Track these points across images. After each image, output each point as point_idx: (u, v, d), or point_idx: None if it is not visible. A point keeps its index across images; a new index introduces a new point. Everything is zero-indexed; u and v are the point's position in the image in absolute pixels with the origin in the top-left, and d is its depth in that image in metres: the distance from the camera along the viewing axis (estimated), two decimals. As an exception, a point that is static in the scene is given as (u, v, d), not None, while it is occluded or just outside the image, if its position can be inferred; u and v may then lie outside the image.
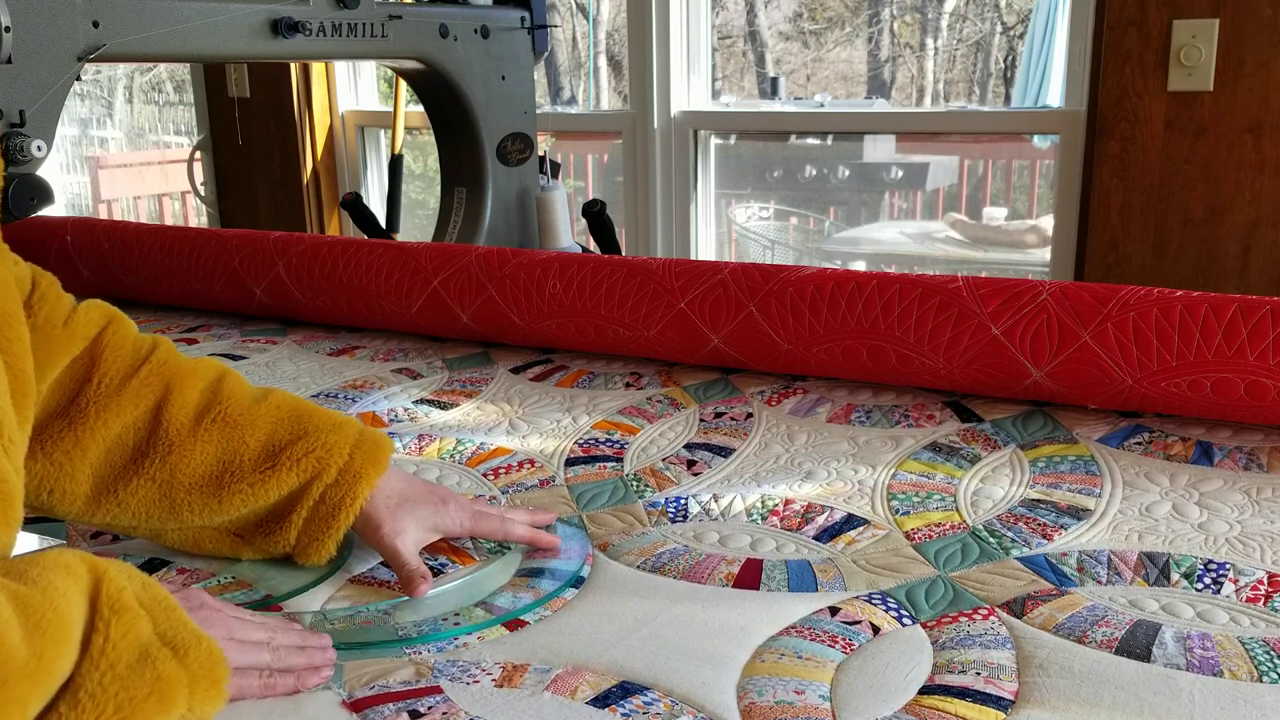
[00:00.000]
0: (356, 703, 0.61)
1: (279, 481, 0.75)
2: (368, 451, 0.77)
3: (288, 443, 0.76)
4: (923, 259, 4.06)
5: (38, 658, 0.49)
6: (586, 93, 6.82)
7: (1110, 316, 0.97)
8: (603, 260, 1.23)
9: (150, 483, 0.74)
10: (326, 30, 1.52)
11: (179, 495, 0.74)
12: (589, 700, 0.61)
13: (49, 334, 0.74)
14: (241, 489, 0.74)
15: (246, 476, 0.75)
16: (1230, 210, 1.81)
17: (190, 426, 0.75)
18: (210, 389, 0.78)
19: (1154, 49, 1.80)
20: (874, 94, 7.29)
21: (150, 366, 0.77)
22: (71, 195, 5.54)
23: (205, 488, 0.74)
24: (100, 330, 0.77)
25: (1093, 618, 0.68)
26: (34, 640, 0.49)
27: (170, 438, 0.75)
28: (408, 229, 2.96)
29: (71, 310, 0.77)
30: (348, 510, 0.75)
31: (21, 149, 1.20)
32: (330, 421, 0.78)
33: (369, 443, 0.78)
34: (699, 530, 0.83)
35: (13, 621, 0.49)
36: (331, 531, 0.75)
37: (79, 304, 0.78)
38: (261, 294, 1.46)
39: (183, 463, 0.74)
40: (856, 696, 0.61)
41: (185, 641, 0.55)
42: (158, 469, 0.74)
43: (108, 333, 0.77)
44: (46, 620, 0.50)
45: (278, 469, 0.75)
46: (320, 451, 0.76)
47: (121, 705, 0.51)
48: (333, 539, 0.76)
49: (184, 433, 0.75)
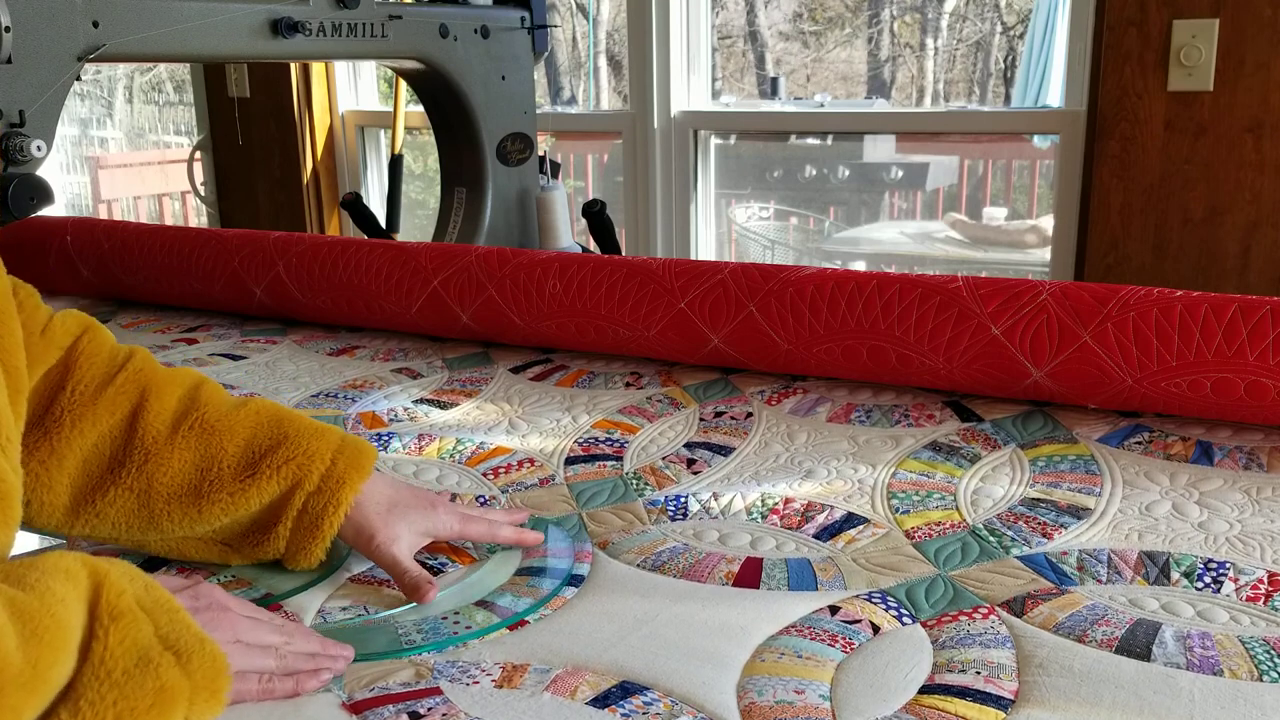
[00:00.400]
0: (357, 705, 0.61)
1: (259, 489, 0.74)
2: (350, 457, 0.76)
3: (267, 450, 0.75)
4: (923, 259, 4.06)
5: (33, 665, 0.48)
6: (586, 93, 6.82)
7: (1110, 316, 0.97)
8: (603, 260, 1.23)
9: (128, 492, 0.73)
10: (326, 30, 1.52)
11: (157, 505, 0.73)
12: (589, 700, 0.61)
13: (28, 343, 0.73)
14: (221, 498, 0.73)
15: (225, 485, 0.73)
16: (1230, 210, 1.81)
17: (167, 434, 0.74)
18: (188, 396, 0.76)
19: (1154, 49, 1.80)
20: (874, 94, 7.29)
21: (126, 374, 0.75)
22: (71, 195, 5.54)
23: (184, 497, 0.73)
24: (75, 339, 0.76)
25: (1093, 617, 0.68)
26: (30, 648, 0.49)
27: (146, 446, 0.73)
28: (408, 229, 2.96)
29: (49, 320, 0.76)
30: (331, 518, 0.74)
31: (21, 149, 1.20)
32: (310, 428, 0.77)
33: (351, 448, 0.77)
34: (699, 529, 0.83)
35: (8, 629, 0.48)
36: (318, 539, 0.74)
37: (55, 314, 0.77)
38: (261, 294, 1.46)
39: (160, 471, 0.73)
40: (856, 696, 0.61)
41: (189, 646, 0.55)
42: (134, 478, 0.73)
43: (83, 340, 0.76)
44: (43, 627, 0.50)
45: (257, 477, 0.74)
46: (301, 458, 0.74)
47: (121, 715, 0.51)
48: (320, 546, 0.75)
49: (160, 441, 0.74)
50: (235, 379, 1.23)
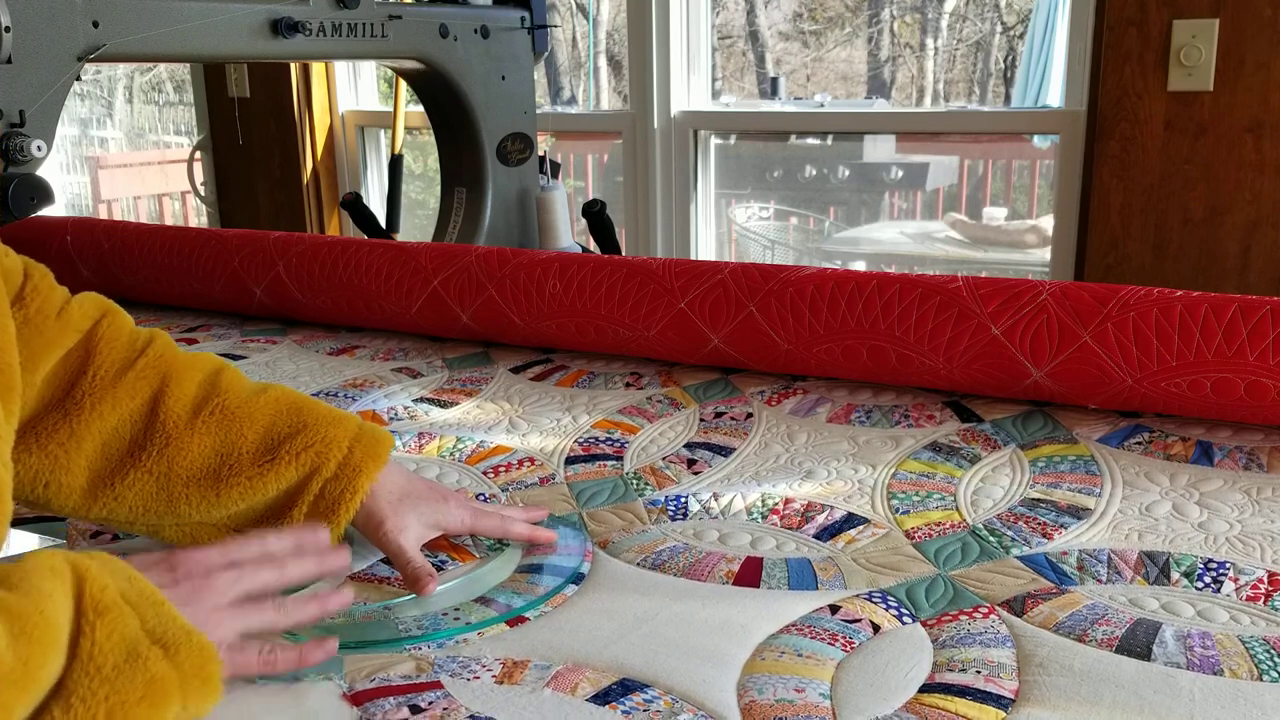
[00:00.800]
0: (357, 695, 0.61)
1: (277, 475, 0.74)
2: (367, 445, 0.76)
3: (286, 436, 0.75)
4: (923, 259, 4.06)
5: (24, 664, 0.48)
6: (586, 93, 6.82)
7: (1110, 316, 0.97)
8: (603, 260, 1.23)
9: (147, 476, 0.73)
10: (326, 30, 1.53)
11: (176, 489, 0.73)
12: (589, 697, 0.61)
13: (41, 326, 0.73)
14: (239, 482, 0.74)
15: (244, 470, 0.74)
16: (1230, 210, 1.81)
17: (188, 419, 0.74)
18: (208, 381, 0.77)
19: (1154, 49, 1.80)
20: (874, 94, 7.30)
21: (147, 359, 0.76)
22: (71, 195, 5.54)
23: (203, 481, 0.74)
24: (95, 322, 0.77)
25: (1093, 616, 0.68)
26: (20, 646, 0.49)
27: (168, 430, 0.74)
28: (408, 229, 2.96)
29: (65, 302, 0.76)
30: (348, 504, 0.75)
31: (21, 149, 1.20)
32: (329, 415, 0.77)
33: (369, 437, 0.77)
34: (699, 528, 0.83)
35: None
36: (332, 526, 0.74)
37: (73, 297, 0.77)
38: (261, 294, 1.46)
39: (180, 455, 0.73)
40: (857, 695, 0.61)
41: (175, 638, 0.55)
42: (155, 461, 0.73)
43: (103, 324, 0.77)
44: (32, 624, 0.50)
45: (276, 463, 0.74)
46: (319, 445, 0.75)
47: (113, 710, 0.51)
48: (334, 533, 0.74)
49: (181, 425, 0.74)
50: (235, 378, 1.23)
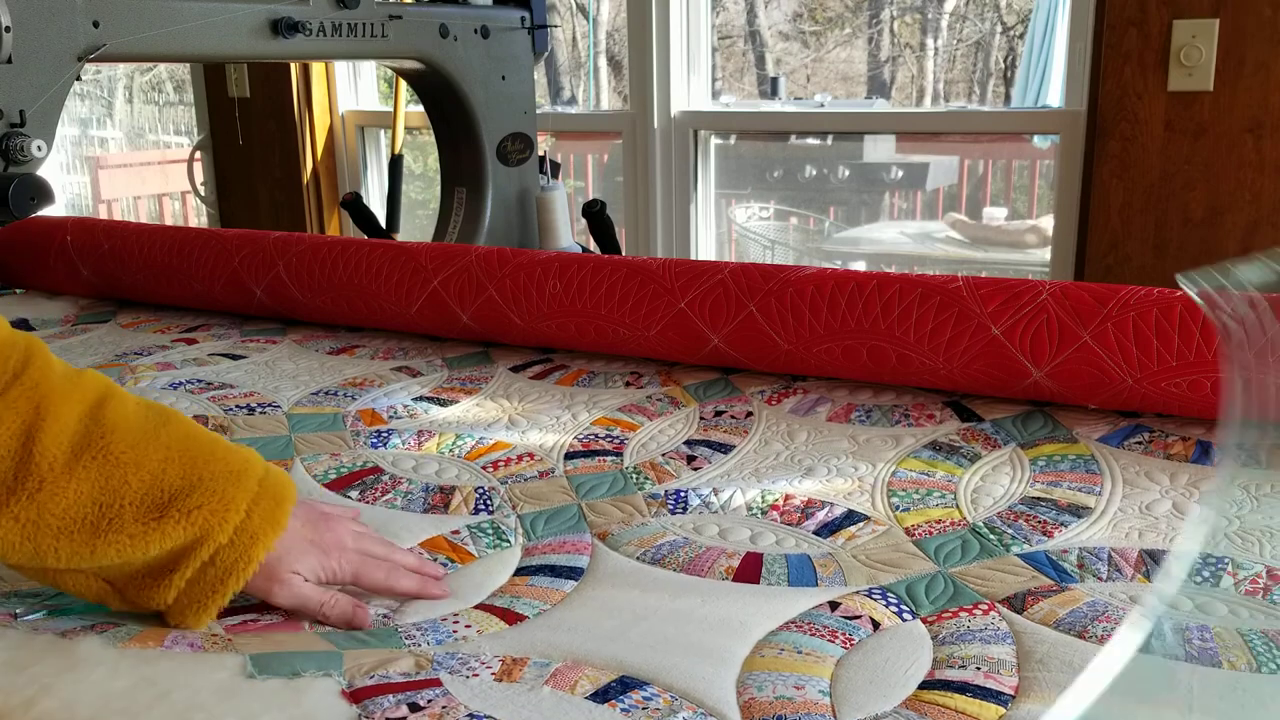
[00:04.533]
0: (356, 692, 0.61)
1: (163, 535, 0.65)
2: (266, 510, 0.69)
3: (177, 492, 0.67)
4: (923, 259, 4.06)
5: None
6: (586, 93, 6.82)
7: (1110, 316, 0.97)
8: (603, 260, 1.23)
9: (13, 522, 0.63)
10: (326, 30, 1.53)
11: (45, 540, 0.64)
12: (588, 695, 0.61)
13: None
14: (118, 540, 0.65)
15: (126, 526, 0.65)
16: (1230, 210, 1.81)
17: (65, 461, 0.65)
18: (90, 415, 0.67)
19: (1154, 49, 1.80)
20: (874, 94, 7.30)
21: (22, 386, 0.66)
22: (71, 195, 5.54)
23: (76, 534, 0.64)
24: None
25: (1093, 613, 0.68)
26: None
27: (41, 473, 0.64)
28: (408, 229, 2.96)
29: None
30: (239, 574, 0.67)
31: (21, 149, 1.21)
32: (226, 470, 0.69)
33: (269, 498, 0.69)
34: (699, 523, 0.83)
35: None
36: (216, 597, 0.67)
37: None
38: (261, 294, 1.46)
39: (53, 502, 0.64)
40: (856, 691, 0.61)
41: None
42: (24, 507, 0.63)
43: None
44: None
45: (164, 521, 0.65)
46: (214, 504, 0.67)
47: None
48: (216, 605, 0.67)
49: (58, 468, 0.64)
50: (235, 379, 1.23)
